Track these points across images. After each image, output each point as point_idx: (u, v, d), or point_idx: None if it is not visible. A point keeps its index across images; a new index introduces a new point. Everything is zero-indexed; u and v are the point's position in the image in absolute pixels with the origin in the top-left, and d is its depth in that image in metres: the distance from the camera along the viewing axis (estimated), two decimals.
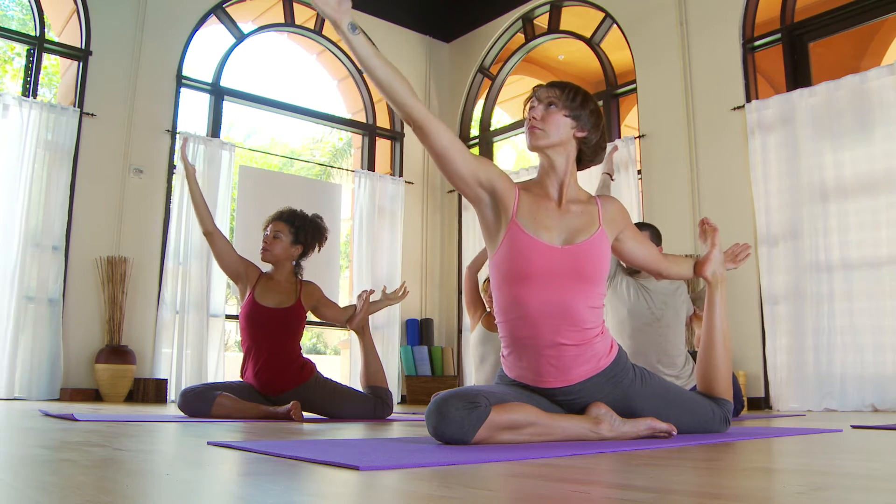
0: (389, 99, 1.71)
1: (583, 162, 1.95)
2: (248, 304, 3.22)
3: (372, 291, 3.46)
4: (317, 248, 3.38)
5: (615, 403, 1.83)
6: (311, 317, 3.44)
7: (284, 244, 3.24)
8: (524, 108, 1.93)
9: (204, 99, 6.23)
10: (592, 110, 1.90)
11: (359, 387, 3.42)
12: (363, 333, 3.41)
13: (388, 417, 3.30)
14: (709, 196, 5.19)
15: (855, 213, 4.42)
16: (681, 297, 3.42)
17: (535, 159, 2.12)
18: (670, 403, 1.92)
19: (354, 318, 3.34)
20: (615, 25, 6.02)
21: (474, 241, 6.76)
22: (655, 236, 3.42)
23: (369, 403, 3.23)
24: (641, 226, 3.47)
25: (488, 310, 3.92)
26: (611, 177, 3.60)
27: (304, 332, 3.45)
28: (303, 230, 3.28)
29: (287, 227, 3.25)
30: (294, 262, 3.33)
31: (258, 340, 3.19)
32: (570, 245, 1.82)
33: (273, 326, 3.19)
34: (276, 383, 3.17)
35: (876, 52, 6.59)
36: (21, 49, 8.11)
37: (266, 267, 3.32)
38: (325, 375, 3.33)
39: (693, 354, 4.72)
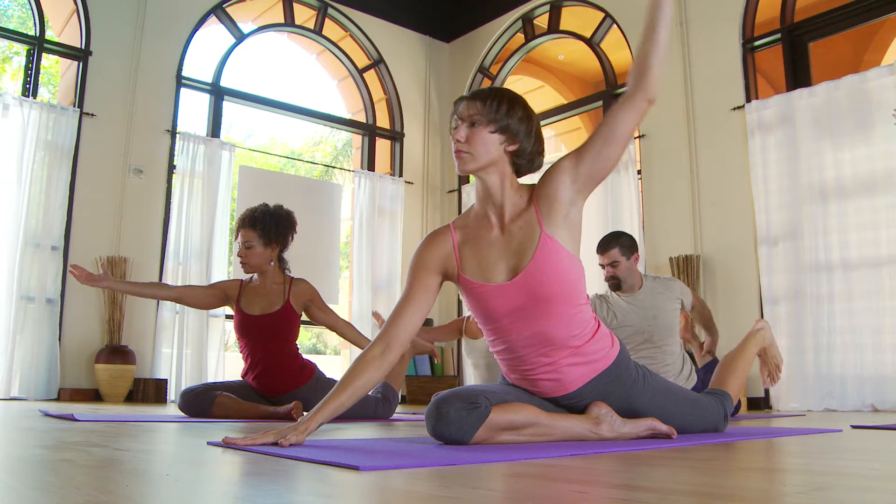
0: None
1: (521, 173, 1.79)
2: (237, 316, 3.20)
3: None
4: (292, 238, 3.23)
5: (618, 402, 1.82)
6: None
7: (258, 251, 3.13)
8: (450, 126, 1.78)
9: (204, 99, 6.23)
10: (521, 117, 1.73)
11: None
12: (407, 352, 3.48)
13: (389, 418, 3.29)
14: (709, 196, 5.19)
15: (855, 213, 4.42)
16: (672, 294, 3.38)
17: None
18: (672, 402, 1.92)
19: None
20: (615, 25, 6.01)
21: None
22: (630, 245, 3.40)
23: (370, 404, 3.22)
24: (617, 234, 3.47)
25: (466, 314, 3.98)
26: None
27: (305, 331, 3.43)
28: (270, 229, 3.13)
29: (254, 232, 3.13)
30: (278, 261, 3.23)
31: (252, 348, 3.18)
32: (518, 275, 1.70)
33: (264, 333, 3.15)
34: (276, 386, 3.17)
35: (876, 52, 6.59)
36: (20, 48, 8.11)
37: (249, 274, 3.26)
38: (327, 376, 3.33)
39: (689, 354, 4.72)
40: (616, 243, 3.39)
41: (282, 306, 3.16)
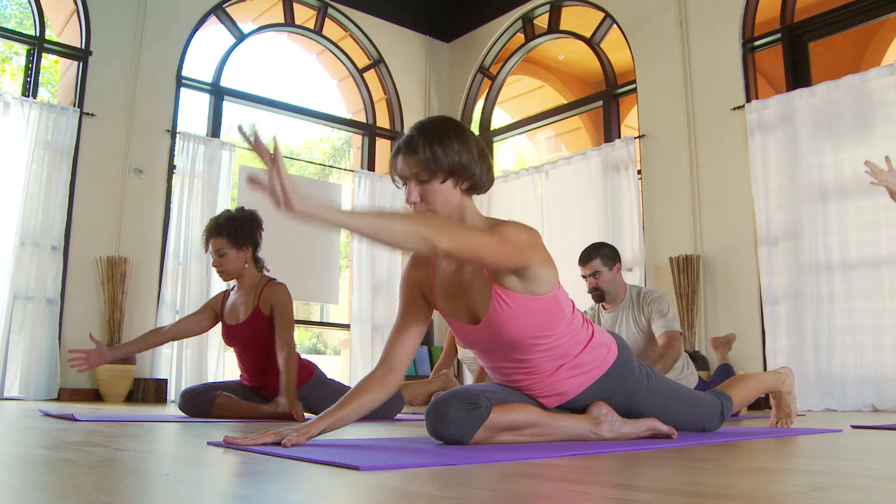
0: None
1: (479, 193, 1.67)
2: (221, 327, 3.21)
3: None
4: (261, 236, 3.16)
5: (620, 402, 1.82)
6: (311, 316, 3.40)
7: (231, 256, 3.06)
8: (391, 176, 1.65)
9: (204, 99, 6.23)
10: (460, 148, 1.57)
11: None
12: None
13: (393, 418, 3.28)
14: (709, 196, 5.18)
15: (855, 213, 4.42)
16: (642, 315, 3.28)
17: (534, 159, 2.07)
18: (673, 401, 1.92)
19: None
20: (615, 25, 6.01)
21: None
22: (612, 255, 3.34)
23: None
24: (598, 245, 3.39)
25: None
26: None
27: (305, 331, 3.42)
28: (237, 232, 3.06)
29: (223, 239, 3.06)
30: (254, 262, 3.16)
31: (240, 355, 3.19)
32: (479, 323, 1.65)
33: (243, 342, 3.14)
34: (272, 388, 3.17)
35: (876, 52, 6.59)
36: (20, 48, 8.11)
37: (228, 281, 3.23)
38: (327, 376, 3.32)
39: (689, 354, 4.72)
40: (597, 254, 3.32)
41: (250, 314, 3.10)
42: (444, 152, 1.54)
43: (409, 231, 1.39)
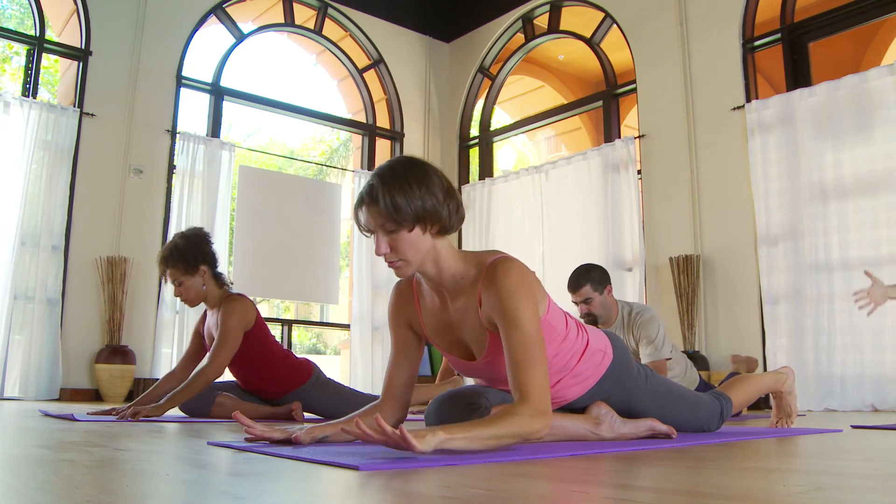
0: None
1: (450, 233, 1.59)
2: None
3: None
4: (212, 252, 3.06)
5: (618, 401, 1.82)
6: (311, 316, 3.39)
7: (188, 284, 2.98)
8: (358, 225, 1.58)
9: (204, 99, 6.23)
10: (424, 192, 1.49)
11: (361, 388, 3.41)
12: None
13: None
14: (709, 196, 5.18)
15: (855, 213, 4.42)
16: (629, 334, 3.25)
17: (534, 160, 2.05)
18: (672, 401, 1.92)
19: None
20: (615, 25, 6.01)
21: (474, 241, 6.76)
22: (601, 279, 3.25)
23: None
24: (586, 269, 3.28)
25: None
26: None
27: (305, 331, 3.40)
28: (187, 256, 2.97)
29: (176, 269, 2.97)
30: (215, 279, 3.05)
31: (230, 369, 3.13)
32: (476, 360, 1.65)
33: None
34: (269, 393, 3.17)
35: (876, 52, 6.60)
36: (20, 48, 8.11)
37: (194, 307, 3.17)
38: (327, 376, 3.32)
39: (689, 354, 4.72)
40: (586, 280, 3.23)
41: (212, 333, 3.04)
42: (408, 200, 1.47)
43: (515, 438, 1.41)
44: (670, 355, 3.24)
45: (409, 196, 1.47)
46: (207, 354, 2.95)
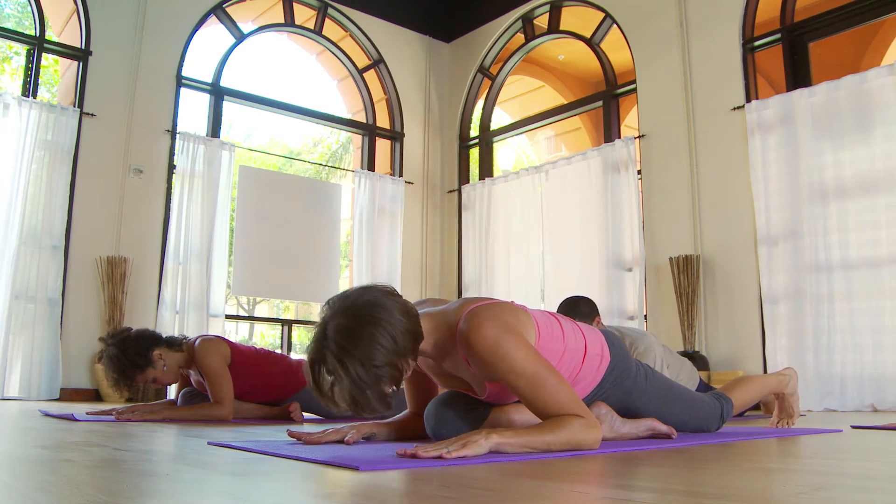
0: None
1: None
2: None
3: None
4: (154, 337, 2.95)
5: (617, 400, 1.82)
6: (311, 316, 3.40)
7: (155, 373, 2.89)
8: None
9: (204, 99, 6.23)
10: (374, 368, 1.38)
11: None
12: None
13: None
14: (709, 196, 5.19)
15: (855, 213, 4.42)
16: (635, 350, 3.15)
17: (534, 160, 2.05)
18: (672, 401, 1.92)
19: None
20: (615, 25, 6.01)
21: (474, 241, 6.76)
22: (589, 311, 3.12)
23: None
24: (573, 303, 3.14)
25: None
26: None
27: (305, 331, 3.41)
28: (137, 362, 2.86)
29: (139, 377, 2.89)
30: (169, 350, 2.96)
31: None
32: (481, 396, 1.67)
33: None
34: (272, 397, 3.17)
35: (876, 52, 6.59)
36: (20, 48, 8.11)
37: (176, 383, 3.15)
38: None
39: (689, 355, 4.72)
40: (574, 314, 3.07)
41: (201, 381, 3.03)
42: (366, 393, 1.37)
43: (569, 446, 1.43)
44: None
45: (365, 387, 1.37)
46: (212, 398, 2.92)
